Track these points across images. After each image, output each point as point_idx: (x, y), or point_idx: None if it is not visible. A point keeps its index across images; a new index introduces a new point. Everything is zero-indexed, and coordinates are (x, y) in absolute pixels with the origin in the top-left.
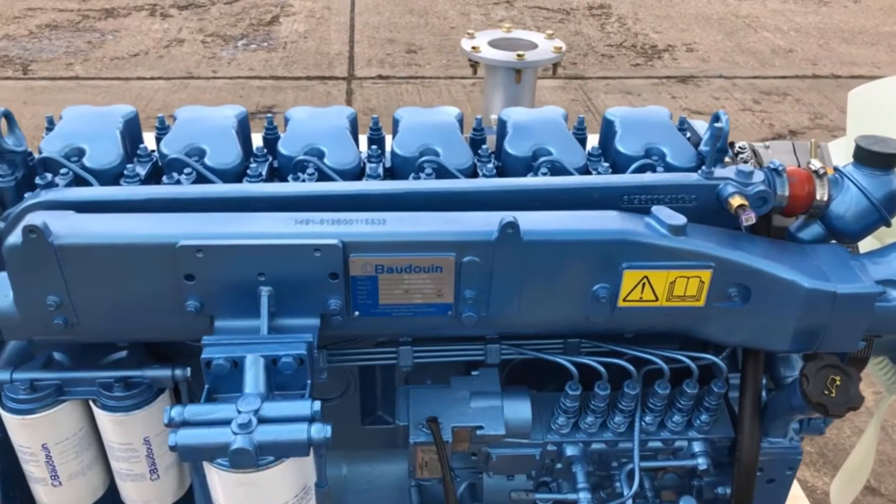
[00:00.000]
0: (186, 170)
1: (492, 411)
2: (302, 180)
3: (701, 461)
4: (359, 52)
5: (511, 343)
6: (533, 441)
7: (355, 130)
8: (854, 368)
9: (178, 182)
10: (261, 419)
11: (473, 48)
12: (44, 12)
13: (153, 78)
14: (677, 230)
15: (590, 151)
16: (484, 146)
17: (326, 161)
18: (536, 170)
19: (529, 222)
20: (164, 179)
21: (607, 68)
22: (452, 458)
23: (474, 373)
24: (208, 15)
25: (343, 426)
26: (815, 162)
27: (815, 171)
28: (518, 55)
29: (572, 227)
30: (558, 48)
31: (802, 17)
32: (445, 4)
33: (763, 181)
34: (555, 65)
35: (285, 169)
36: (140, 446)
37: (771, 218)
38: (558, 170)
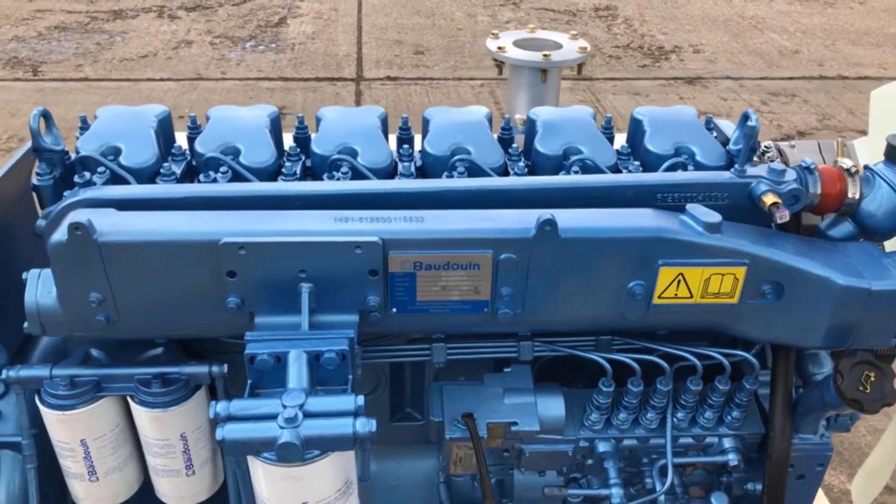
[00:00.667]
0: (222, 168)
1: (526, 408)
2: (337, 179)
3: (732, 457)
4: (367, 54)
5: (544, 340)
6: (566, 437)
7: (386, 130)
8: (888, 365)
9: (215, 181)
10: (306, 414)
11: (499, 48)
12: (52, 14)
13: (162, 79)
14: (713, 228)
15: (619, 150)
16: (514, 145)
17: (360, 160)
18: (568, 168)
19: (566, 220)
20: (201, 178)
21: (615, 69)
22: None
23: (506, 370)
24: (216, 16)
25: None
26: (846, 160)
27: (847, 170)
28: (544, 55)
29: (609, 225)
30: (583, 48)
31: (808, 19)
32: (452, 6)
33: (795, 179)
34: (580, 65)
35: (319, 167)
36: (177, 442)
37: (801, 216)
38: (590, 168)
